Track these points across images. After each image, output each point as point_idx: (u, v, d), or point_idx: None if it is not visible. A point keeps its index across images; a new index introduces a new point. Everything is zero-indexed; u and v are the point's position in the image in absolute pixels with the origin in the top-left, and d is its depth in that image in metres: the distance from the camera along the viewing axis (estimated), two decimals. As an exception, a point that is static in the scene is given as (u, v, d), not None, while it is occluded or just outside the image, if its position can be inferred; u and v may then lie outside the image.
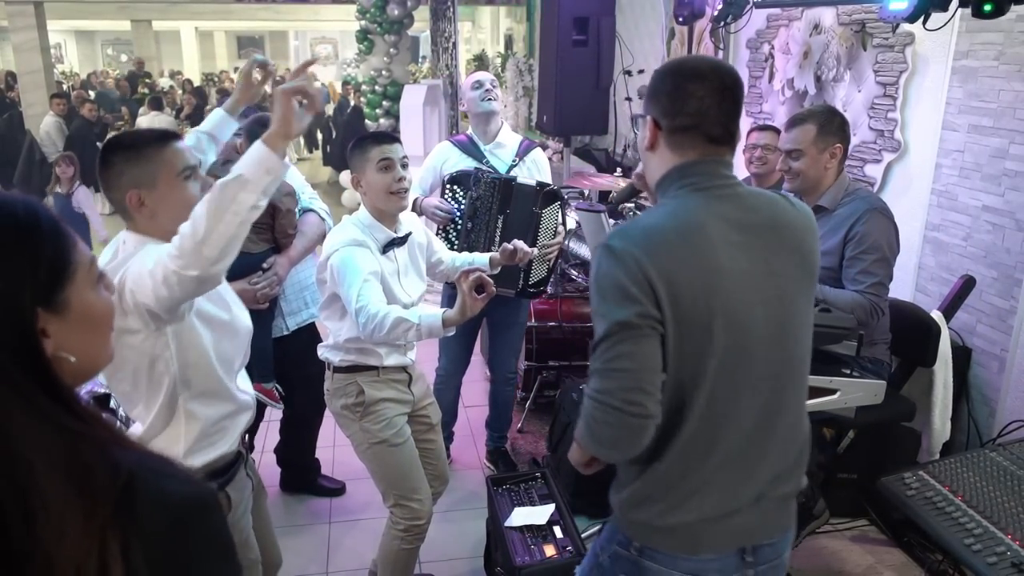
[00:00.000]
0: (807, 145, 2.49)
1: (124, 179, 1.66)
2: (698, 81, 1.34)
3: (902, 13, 2.38)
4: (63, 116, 9.43)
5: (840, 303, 2.38)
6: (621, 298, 1.27)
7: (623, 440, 1.29)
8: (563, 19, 4.71)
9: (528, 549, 2.32)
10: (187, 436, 1.74)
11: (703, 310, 1.28)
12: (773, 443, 1.40)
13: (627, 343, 1.26)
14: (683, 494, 1.37)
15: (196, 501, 0.76)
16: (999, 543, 1.74)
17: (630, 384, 1.26)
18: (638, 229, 1.34)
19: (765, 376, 1.36)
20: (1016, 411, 2.62)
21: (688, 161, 1.37)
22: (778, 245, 1.37)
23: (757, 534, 1.43)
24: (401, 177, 2.29)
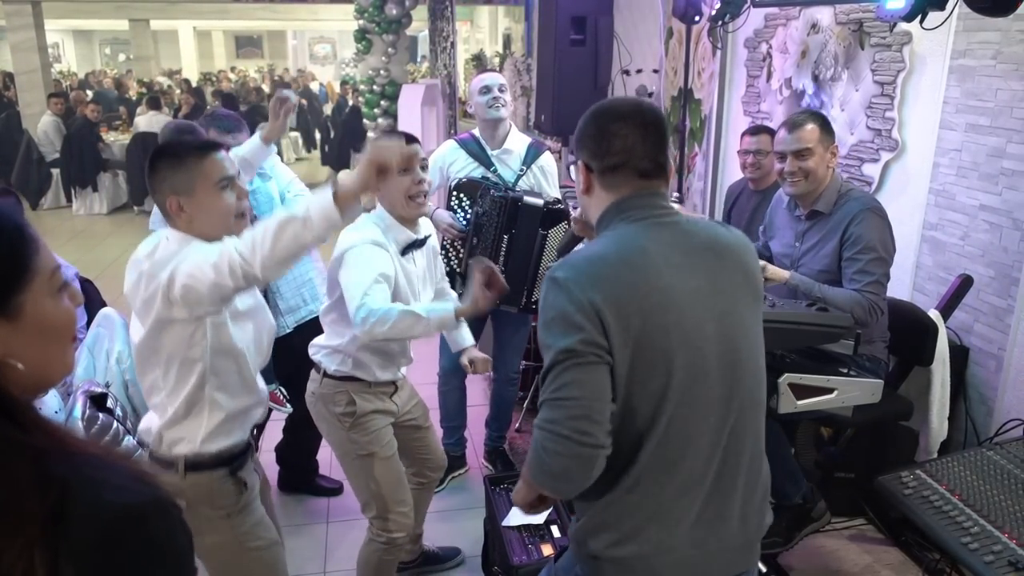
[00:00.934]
0: (815, 143, 2.52)
1: (165, 185, 1.77)
2: (620, 121, 1.40)
3: (899, 12, 2.38)
4: (61, 116, 9.42)
5: (838, 301, 2.39)
6: (566, 326, 1.27)
7: (573, 471, 1.27)
8: (561, 18, 4.72)
9: (525, 548, 2.32)
10: (208, 423, 1.83)
11: (656, 329, 1.28)
12: (734, 468, 1.38)
13: (573, 371, 1.26)
14: (641, 522, 1.34)
15: (132, 510, 0.73)
16: (996, 542, 1.75)
17: (578, 413, 1.25)
18: (581, 258, 1.36)
19: (721, 396, 1.34)
20: (1013, 410, 2.62)
21: (623, 197, 1.41)
22: (720, 264, 1.39)
23: (718, 573, 1.40)
24: (421, 180, 2.22)
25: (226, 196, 1.79)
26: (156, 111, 9.36)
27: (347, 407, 2.28)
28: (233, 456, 1.88)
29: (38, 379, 0.79)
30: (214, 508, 1.85)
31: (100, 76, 17.41)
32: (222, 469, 1.85)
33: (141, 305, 1.74)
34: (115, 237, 8.02)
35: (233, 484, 1.88)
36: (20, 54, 10.53)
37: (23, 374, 0.75)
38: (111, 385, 2.55)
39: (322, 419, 2.36)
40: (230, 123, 2.90)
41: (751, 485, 1.42)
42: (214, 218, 1.77)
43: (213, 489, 1.85)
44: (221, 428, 1.84)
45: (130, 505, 0.73)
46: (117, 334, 2.68)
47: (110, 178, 9.25)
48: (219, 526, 1.87)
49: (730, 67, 4.59)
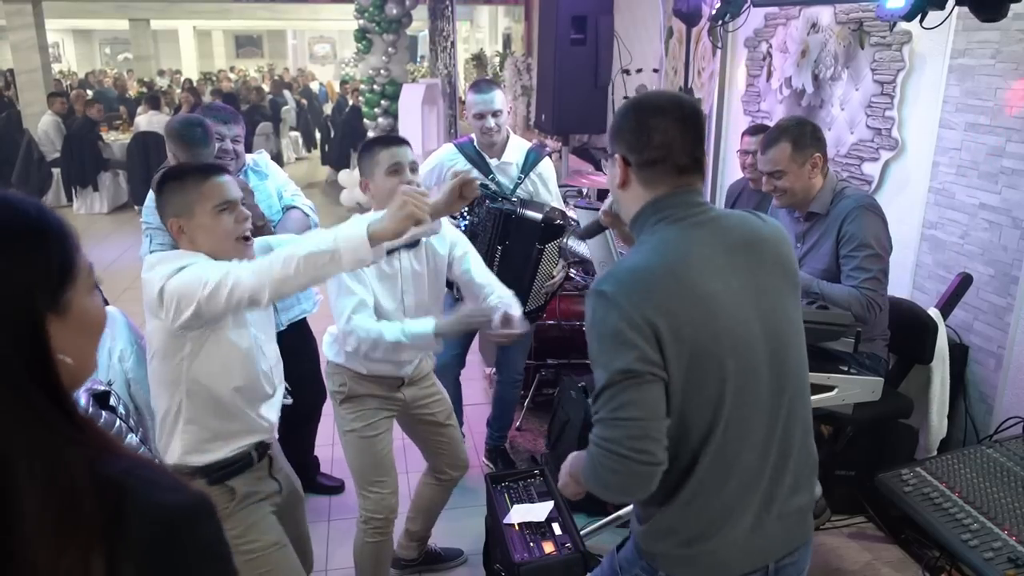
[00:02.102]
0: (786, 163, 2.50)
1: (168, 208, 1.83)
2: (659, 115, 1.38)
3: (899, 11, 2.39)
4: (62, 115, 9.42)
5: (836, 297, 2.40)
6: (619, 344, 1.27)
7: (631, 487, 1.30)
8: (561, 18, 4.72)
9: (527, 546, 2.32)
10: (183, 441, 1.87)
11: (707, 338, 1.29)
12: (787, 456, 1.41)
13: (630, 391, 1.26)
14: (705, 523, 1.36)
15: (186, 510, 0.75)
16: (996, 539, 1.76)
17: (637, 433, 1.26)
18: (626, 271, 1.35)
19: (772, 391, 1.37)
20: (1013, 408, 2.63)
21: (660, 195, 1.40)
22: (759, 260, 1.39)
23: (779, 550, 1.43)
24: (409, 181, 2.24)
25: (224, 219, 1.82)
26: (156, 111, 9.37)
27: (339, 387, 2.41)
28: (219, 467, 1.90)
29: (77, 375, 0.80)
30: None
31: (100, 76, 17.41)
32: (202, 479, 1.87)
33: (145, 299, 1.78)
34: (116, 236, 8.02)
35: (220, 491, 1.90)
36: (20, 53, 10.53)
37: (69, 369, 0.76)
38: (113, 383, 2.55)
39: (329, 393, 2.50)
40: (226, 115, 2.91)
41: (800, 465, 1.44)
42: (213, 240, 1.81)
43: None
44: (197, 447, 1.88)
45: (184, 505, 0.74)
46: (119, 332, 2.68)
47: (110, 177, 9.26)
48: None
49: (730, 66, 4.60)
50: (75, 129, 9.08)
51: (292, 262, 1.66)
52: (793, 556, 1.45)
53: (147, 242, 2.83)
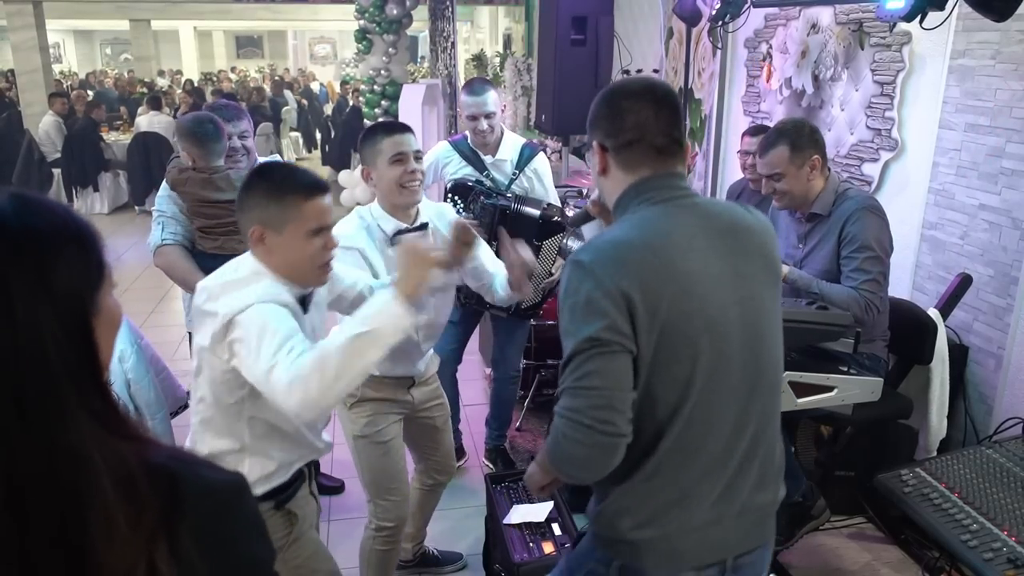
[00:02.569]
0: (784, 166, 2.50)
1: (256, 211, 1.65)
2: (631, 98, 1.39)
3: (899, 12, 2.39)
4: (63, 116, 9.42)
5: (835, 298, 2.40)
6: (590, 313, 1.26)
7: (593, 459, 1.27)
8: (561, 18, 4.73)
9: (527, 546, 2.33)
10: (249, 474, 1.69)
11: (681, 316, 1.28)
12: (755, 451, 1.39)
13: (596, 359, 1.25)
14: (663, 505, 1.34)
15: (232, 485, 0.79)
16: (995, 539, 1.76)
17: (600, 402, 1.24)
18: (605, 242, 1.33)
19: (743, 380, 1.35)
20: (1012, 408, 2.63)
21: (642, 178, 1.39)
22: (742, 248, 1.38)
23: (737, 546, 1.41)
24: (413, 170, 2.20)
25: (315, 243, 1.66)
26: (157, 111, 9.37)
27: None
28: (280, 490, 1.79)
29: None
30: None
31: (101, 76, 17.42)
32: (267, 502, 1.76)
33: (196, 315, 1.68)
34: (116, 237, 8.03)
35: (281, 517, 1.80)
36: (21, 54, 10.54)
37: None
38: (113, 384, 2.55)
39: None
40: (230, 112, 2.92)
41: (766, 463, 1.43)
42: (294, 262, 1.66)
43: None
44: (263, 479, 1.75)
45: (229, 481, 0.79)
46: (120, 333, 2.68)
47: (111, 178, 9.26)
48: None
49: (730, 67, 4.60)
50: (76, 130, 9.08)
51: (329, 364, 1.48)
52: (751, 556, 1.43)
53: (158, 230, 2.83)
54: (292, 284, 1.70)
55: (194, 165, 2.73)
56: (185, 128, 2.75)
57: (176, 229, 2.83)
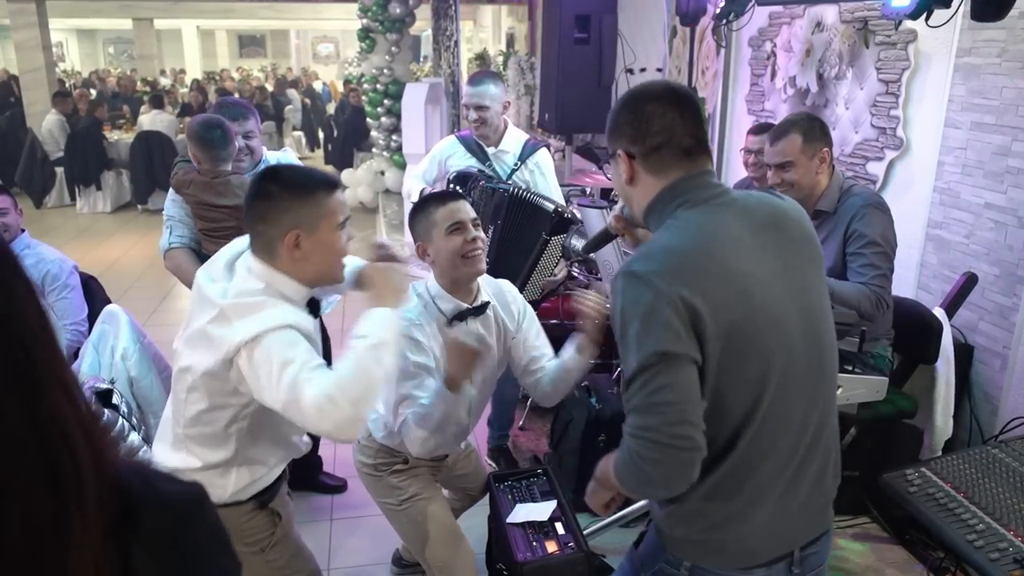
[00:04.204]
0: (796, 155, 2.49)
1: (288, 216, 1.60)
2: (654, 102, 1.36)
3: (905, 10, 2.38)
4: (66, 115, 9.43)
5: (845, 294, 2.39)
6: (653, 324, 1.21)
7: (674, 477, 1.24)
8: (565, 17, 4.72)
9: (530, 545, 2.31)
10: (237, 482, 1.73)
11: (744, 318, 1.25)
12: (819, 440, 1.38)
13: (666, 374, 1.21)
14: (737, 507, 1.32)
15: (193, 496, 0.75)
16: (1002, 539, 1.75)
17: (676, 418, 1.20)
18: (658, 251, 1.30)
19: (809, 373, 1.34)
20: (1018, 408, 2.62)
21: (674, 181, 1.36)
22: (786, 239, 1.36)
23: (803, 536, 1.40)
24: (475, 237, 2.05)
25: (342, 236, 1.67)
26: (159, 110, 9.37)
27: (401, 462, 2.23)
28: (265, 491, 1.79)
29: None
30: (246, 544, 1.76)
31: (104, 75, 17.43)
32: (251, 503, 1.76)
33: (199, 334, 1.60)
34: (118, 235, 8.04)
35: (265, 517, 1.80)
36: (24, 53, 10.54)
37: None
38: (116, 382, 2.55)
39: (363, 472, 2.31)
40: (236, 110, 2.94)
41: (827, 452, 1.42)
42: (328, 260, 1.65)
43: (243, 524, 1.75)
44: (250, 484, 1.75)
45: (188, 493, 0.75)
46: (122, 331, 2.69)
47: (114, 177, 9.27)
48: (253, 563, 1.77)
49: (734, 66, 4.59)
50: (79, 128, 9.09)
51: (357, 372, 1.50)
52: (816, 545, 1.42)
53: (167, 234, 2.88)
54: (312, 286, 1.68)
55: (199, 168, 2.74)
56: (193, 133, 2.76)
57: (183, 232, 2.87)
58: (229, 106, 2.99)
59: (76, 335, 3.05)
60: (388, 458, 2.23)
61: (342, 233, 1.66)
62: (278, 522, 1.82)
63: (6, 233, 3.02)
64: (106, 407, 2.32)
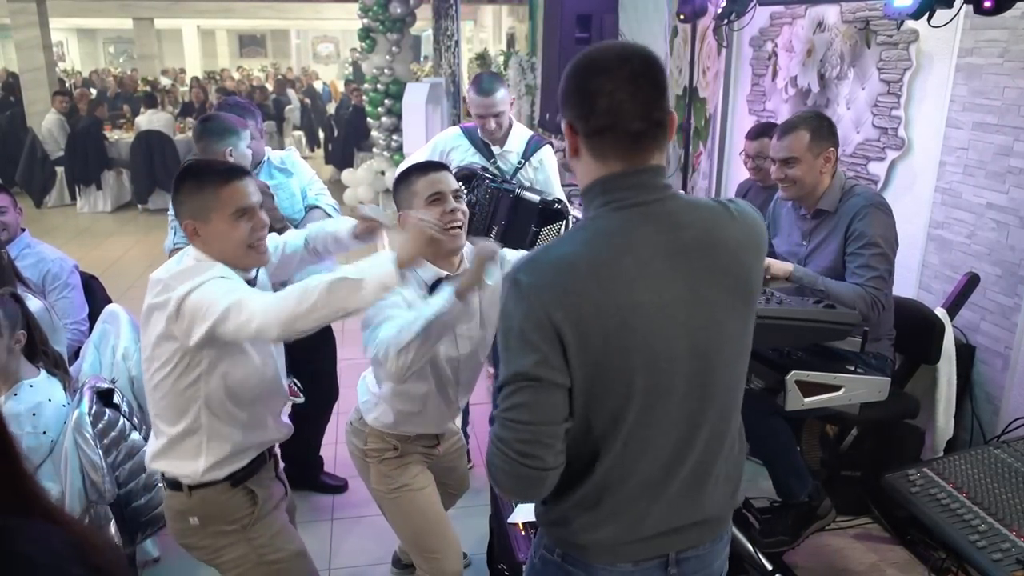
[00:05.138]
0: (802, 152, 2.49)
1: (184, 208, 1.78)
2: (604, 75, 1.20)
3: (907, 10, 2.38)
4: (65, 114, 9.43)
5: (840, 295, 2.38)
6: (522, 344, 1.19)
7: (520, 488, 1.27)
8: (566, 17, 4.71)
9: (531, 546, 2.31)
10: (206, 461, 1.82)
11: (617, 351, 1.20)
12: (706, 475, 1.34)
13: (525, 392, 1.19)
14: (597, 519, 1.33)
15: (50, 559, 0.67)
16: (1004, 540, 1.74)
17: (526, 437, 1.20)
18: (548, 263, 1.23)
19: (687, 411, 1.28)
20: (1020, 408, 2.61)
21: (612, 174, 1.24)
22: (708, 267, 1.25)
23: (680, 545, 1.37)
24: (454, 209, 2.03)
25: (241, 226, 1.76)
26: (154, 109, 9.36)
27: (391, 448, 2.22)
28: (240, 472, 1.87)
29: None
30: (228, 522, 1.84)
31: (104, 75, 17.43)
32: (225, 483, 1.84)
33: (147, 311, 1.74)
34: (119, 235, 8.04)
35: (244, 495, 1.86)
36: (24, 52, 10.54)
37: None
38: (117, 381, 2.55)
39: (355, 455, 2.31)
40: (237, 111, 2.95)
41: (722, 483, 1.39)
42: (227, 246, 1.76)
43: (223, 503, 1.84)
44: (222, 462, 1.83)
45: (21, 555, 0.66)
46: (123, 330, 2.68)
47: (114, 176, 9.26)
48: (236, 539, 1.84)
49: (735, 65, 4.58)
50: (79, 128, 9.09)
51: (311, 295, 1.60)
52: (698, 549, 1.39)
53: (172, 235, 2.87)
54: (235, 270, 1.79)
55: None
56: (197, 132, 2.76)
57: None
58: (232, 106, 3.02)
59: (77, 334, 3.05)
60: (379, 444, 2.21)
61: (240, 222, 1.76)
62: (257, 502, 1.88)
63: (4, 232, 3.02)
64: (107, 407, 2.32)
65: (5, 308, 2.20)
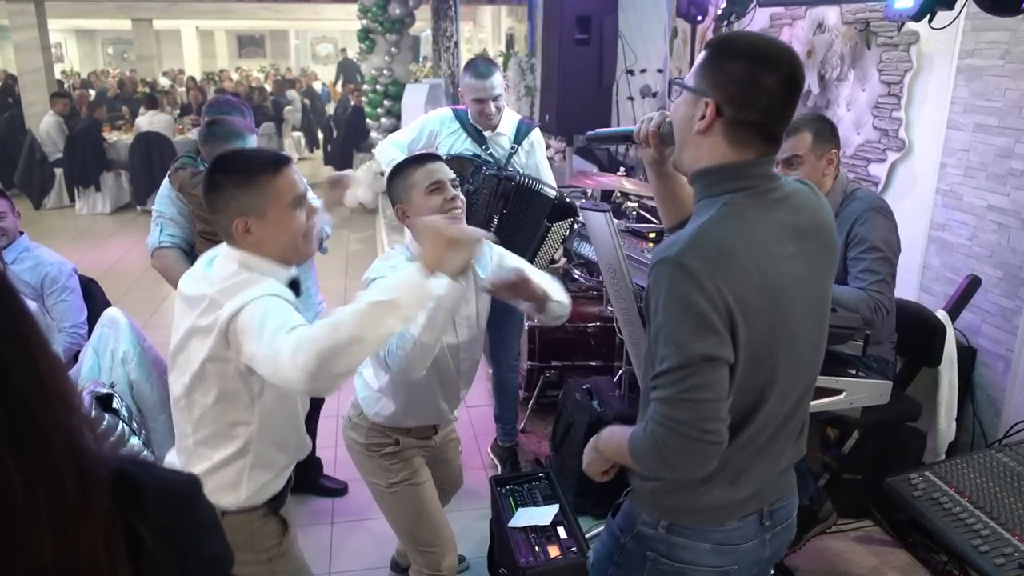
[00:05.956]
0: (805, 152, 2.49)
1: (233, 204, 1.62)
2: (773, 71, 1.26)
3: (908, 12, 2.37)
4: (64, 116, 9.42)
5: (843, 299, 2.38)
6: (701, 326, 1.24)
7: (697, 465, 1.30)
8: (565, 18, 4.71)
9: (532, 550, 2.31)
10: (252, 485, 1.71)
11: (767, 328, 1.30)
12: (794, 427, 1.48)
13: (705, 374, 1.25)
14: (718, 481, 1.39)
15: (188, 485, 0.79)
16: (1006, 544, 1.74)
17: (708, 415, 1.25)
18: (712, 247, 1.27)
19: (805, 375, 1.43)
20: (1022, 411, 2.61)
21: (745, 161, 1.32)
22: (820, 248, 1.40)
23: (771, 497, 1.48)
24: (453, 196, 2.04)
25: (298, 215, 1.65)
26: (155, 111, 9.35)
27: (391, 444, 2.22)
28: (274, 497, 1.78)
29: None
30: (255, 551, 1.74)
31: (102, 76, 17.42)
32: (262, 509, 1.76)
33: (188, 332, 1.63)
34: (118, 237, 8.03)
35: (276, 524, 1.79)
36: (23, 54, 10.54)
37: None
38: (116, 385, 2.54)
39: (355, 451, 2.29)
40: (223, 109, 2.97)
41: (801, 432, 1.53)
42: (284, 240, 1.64)
43: (255, 530, 1.74)
44: (264, 487, 1.74)
45: (185, 481, 0.79)
46: (122, 334, 2.67)
47: (113, 178, 9.26)
48: (259, 572, 1.76)
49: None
50: (78, 129, 9.08)
51: (344, 326, 1.43)
52: (783, 501, 1.52)
53: (157, 232, 2.83)
54: (286, 265, 1.69)
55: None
56: (203, 135, 2.76)
57: (175, 231, 2.82)
58: (221, 104, 3.03)
59: (75, 338, 3.04)
60: (380, 439, 2.21)
61: (297, 211, 1.65)
62: (286, 531, 1.81)
63: (4, 237, 3.01)
64: (106, 411, 2.31)
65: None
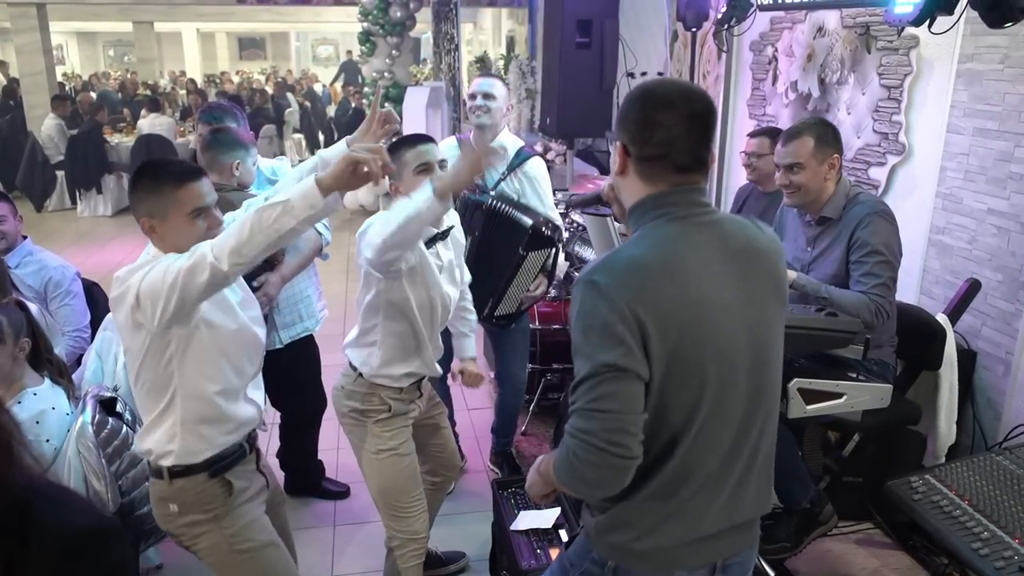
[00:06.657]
0: (806, 158, 2.49)
1: (141, 206, 1.85)
2: (666, 110, 1.33)
3: (908, 16, 2.38)
4: (65, 118, 9.43)
5: (845, 303, 2.39)
6: (607, 338, 1.26)
7: (606, 479, 1.29)
8: (566, 21, 4.73)
9: (534, 553, 2.32)
10: (183, 441, 1.89)
11: (692, 343, 1.28)
12: (752, 469, 1.42)
13: (610, 383, 1.25)
14: (659, 520, 1.38)
15: (93, 532, 0.73)
16: (1006, 547, 1.75)
17: (614, 425, 1.25)
18: (621, 263, 1.32)
19: (746, 404, 1.37)
20: (1022, 414, 2.62)
21: (660, 192, 1.37)
22: (755, 272, 1.38)
23: (727, 551, 1.45)
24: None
25: (197, 224, 1.84)
26: (157, 113, 9.36)
27: (379, 406, 2.32)
28: (218, 460, 1.93)
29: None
30: (203, 511, 1.92)
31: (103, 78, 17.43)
32: (202, 473, 1.91)
33: (112, 310, 1.82)
34: (120, 239, 8.03)
35: (219, 486, 1.94)
36: (25, 56, 10.55)
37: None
38: (119, 389, 2.55)
39: (345, 416, 2.38)
40: (212, 115, 3.03)
41: (763, 479, 1.47)
42: (183, 243, 1.81)
43: (199, 492, 1.91)
44: (199, 443, 1.90)
45: (91, 527, 0.74)
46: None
47: (114, 180, 9.27)
48: (210, 528, 1.93)
49: (735, 70, 4.59)
50: (80, 132, 9.09)
51: (244, 225, 1.68)
52: (740, 556, 1.48)
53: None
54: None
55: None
56: (205, 142, 2.78)
57: None
58: (211, 109, 3.09)
59: (78, 342, 3.05)
60: (372, 405, 2.31)
61: (197, 220, 1.84)
62: (231, 492, 1.95)
63: (3, 241, 3.02)
64: (110, 415, 2.32)
65: (10, 315, 2.20)
